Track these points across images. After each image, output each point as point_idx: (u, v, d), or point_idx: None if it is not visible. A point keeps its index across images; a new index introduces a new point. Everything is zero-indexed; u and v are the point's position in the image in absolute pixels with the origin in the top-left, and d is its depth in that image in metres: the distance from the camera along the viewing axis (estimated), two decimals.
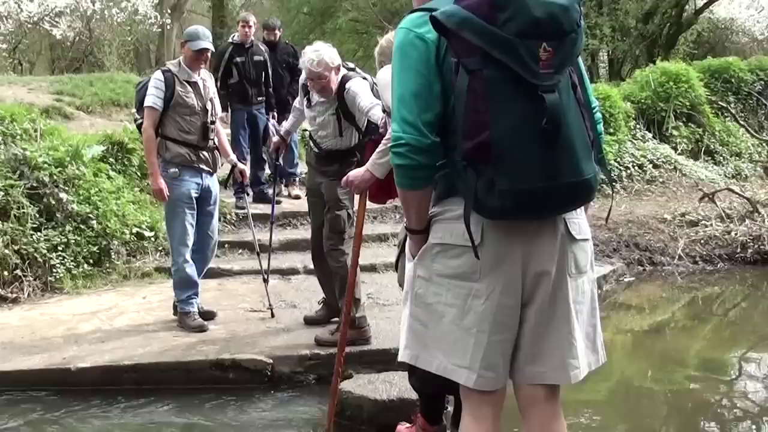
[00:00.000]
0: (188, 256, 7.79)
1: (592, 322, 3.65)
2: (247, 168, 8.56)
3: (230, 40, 12.10)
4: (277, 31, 12.66)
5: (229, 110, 11.75)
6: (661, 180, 15.43)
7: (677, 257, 11.86)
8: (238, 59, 11.70)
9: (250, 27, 11.78)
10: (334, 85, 6.93)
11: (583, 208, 3.54)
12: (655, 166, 15.73)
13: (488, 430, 3.54)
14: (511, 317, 3.41)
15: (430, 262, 3.50)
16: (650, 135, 16.83)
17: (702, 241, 12.27)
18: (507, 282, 3.36)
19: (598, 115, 3.66)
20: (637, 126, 16.80)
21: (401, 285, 4.60)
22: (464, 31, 3.09)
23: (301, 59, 7.14)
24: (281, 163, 10.17)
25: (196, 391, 6.78)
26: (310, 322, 7.84)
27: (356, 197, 5.97)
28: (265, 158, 12.06)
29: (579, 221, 3.51)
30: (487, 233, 3.32)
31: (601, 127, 3.65)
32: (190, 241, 7.80)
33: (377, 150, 5.32)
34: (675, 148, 16.83)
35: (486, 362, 3.42)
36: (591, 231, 3.68)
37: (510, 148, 3.11)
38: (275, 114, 12.01)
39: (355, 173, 5.52)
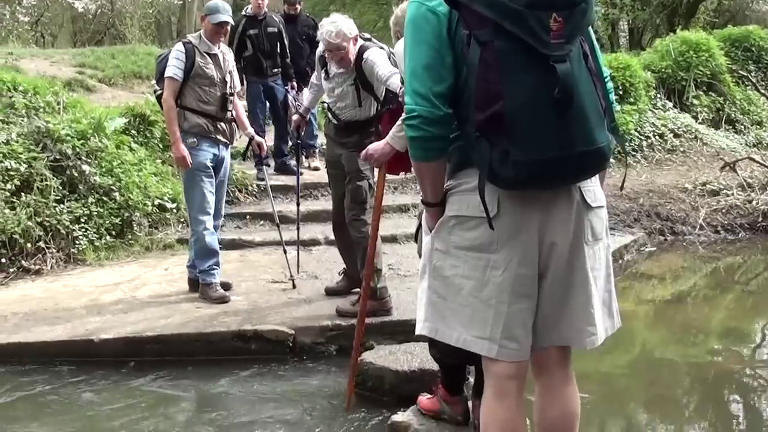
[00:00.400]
0: (209, 224, 7.82)
1: (607, 288, 3.65)
2: (264, 141, 8.55)
3: (243, 12, 12.07)
4: (297, 5, 12.59)
5: (245, 83, 11.67)
6: (681, 149, 15.34)
7: (698, 227, 11.84)
8: (251, 32, 11.69)
9: (258, 3, 11.79)
10: (352, 56, 6.93)
11: (598, 176, 3.55)
12: (676, 136, 15.63)
13: (511, 406, 3.52)
14: (530, 287, 3.40)
15: (447, 234, 3.50)
16: (671, 104, 16.73)
17: (723, 211, 12.25)
18: (524, 252, 3.36)
19: (610, 84, 3.63)
20: (658, 95, 16.70)
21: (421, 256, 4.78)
22: (475, 4, 3.10)
23: (318, 32, 7.09)
24: (302, 141, 10.17)
25: (217, 362, 6.82)
26: (330, 293, 7.86)
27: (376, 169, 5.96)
28: (288, 130, 12.00)
29: (594, 188, 3.51)
30: (503, 204, 3.32)
31: (612, 96, 3.62)
32: (211, 210, 7.84)
33: (397, 123, 5.29)
34: (696, 118, 16.73)
35: (507, 333, 3.41)
36: (611, 201, 3.69)
37: (523, 119, 3.10)
38: (294, 85, 11.98)
39: (374, 146, 5.50)
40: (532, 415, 3.74)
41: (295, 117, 7.96)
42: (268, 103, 12.09)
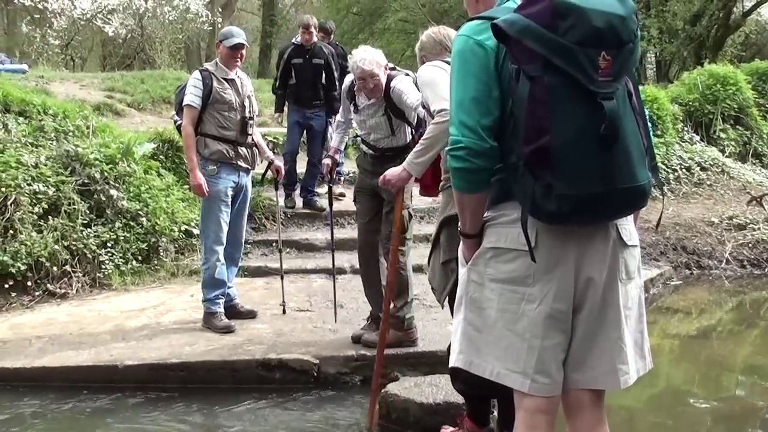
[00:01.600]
0: (221, 256, 7.83)
1: (639, 328, 3.64)
2: (282, 166, 8.57)
3: (293, 40, 11.96)
4: (331, 37, 12.62)
5: (286, 109, 11.78)
6: (708, 183, 15.26)
7: (725, 261, 11.79)
8: (296, 61, 11.55)
9: (310, 33, 11.56)
10: (383, 85, 6.95)
11: (630, 217, 3.57)
12: (703, 169, 15.56)
13: None
14: (564, 322, 3.43)
15: (484, 266, 3.53)
16: (698, 137, 16.67)
17: (750, 245, 12.19)
18: (560, 286, 3.38)
19: (649, 124, 3.59)
20: (685, 128, 16.64)
21: (432, 285, 5.13)
22: (526, 39, 3.15)
23: (350, 62, 7.13)
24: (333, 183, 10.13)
25: (242, 391, 6.79)
26: (357, 340, 7.47)
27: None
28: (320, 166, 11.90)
29: (629, 227, 3.54)
30: (540, 238, 3.36)
31: (651, 134, 3.60)
32: (225, 240, 7.86)
33: (414, 150, 5.36)
34: (722, 151, 16.66)
35: (540, 367, 3.43)
36: (638, 233, 3.67)
37: (569, 153, 3.15)
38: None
39: (392, 172, 5.54)
40: None
41: (325, 161, 7.85)
42: (305, 133, 11.95)
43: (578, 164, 3.16)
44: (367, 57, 6.86)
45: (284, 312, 8.32)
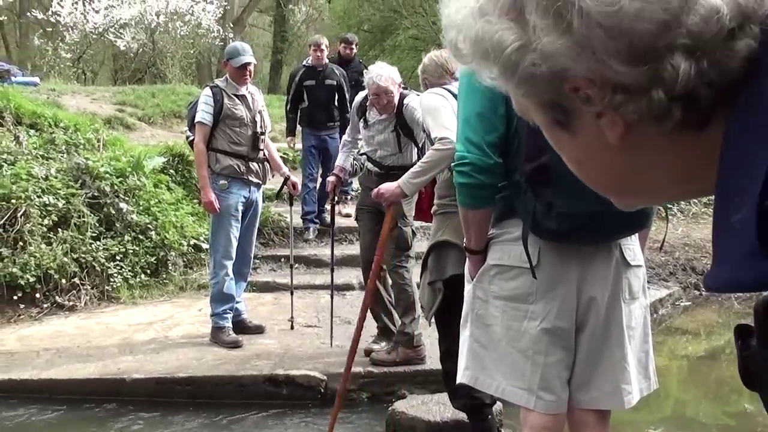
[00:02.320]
0: (230, 270, 7.82)
1: (644, 348, 3.66)
2: (298, 182, 8.57)
3: (304, 63, 11.70)
4: (353, 47, 12.40)
5: (301, 132, 11.59)
6: None
7: None
8: (308, 83, 11.29)
9: (321, 51, 11.24)
10: (396, 102, 7.00)
11: (639, 236, 3.61)
12: None
13: None
14: (567, 340, 3.47)
15: (488, 283, 3.56)
16: None
17: None
18: (561, 304, 3.42)
19: None
20: None
21: (421, 303, 5.22)
22: None
23: (365, 77, 7.24)
24: (337, 200, 10.03)
25: (249, 406, 6.79)
26: (368, 354, 7.37)
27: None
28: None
29: (633, 247, 3.57)
30: (543, 255, 3.40)
31: None
32: (234, 255, 7.86)
33: (412, 170, 5.41)
34: None
35: (544, 384, 3.45)
36: (647, 254, 3.67)
37: (567, 172, 2.92)
38: None
39: (386, 186, 5.58)
40: None
41: (330, 178, 7.81)
42: (321, 156, 11.61)
43: (576, 183, 3.00)
44: (384, 73, 6.90)
45: (292, 327, 8.31)
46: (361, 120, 7.36)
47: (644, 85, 0.89)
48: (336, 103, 11.29)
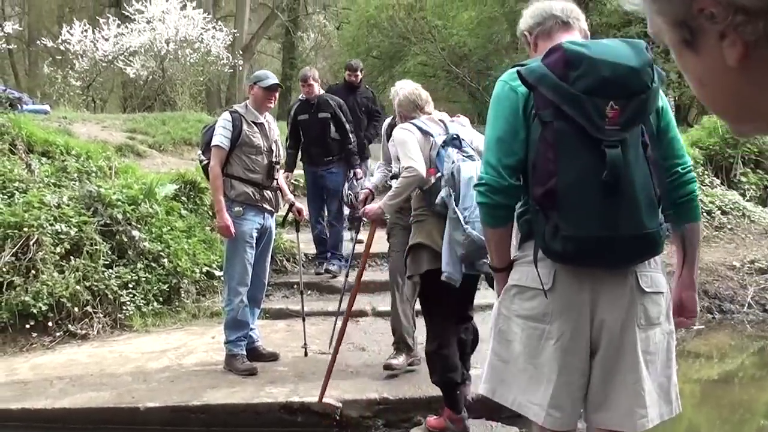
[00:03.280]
0: (245, 297, 7.80)
1: (666, 373, 3.72)
2: (303, 208, 8.58)
3: (299, 97, 11.42)
4: (359, 73, 12.17)
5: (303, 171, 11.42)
6: (729, 227, 15.14)
7: (747, 305, 11.69)
8: (302, 117, 11.02)
9: (310, 85, 10.88)
10: None
11: (657, 260, 3.68)
12: (724, 213, 15.44)
13: None
14: (581, 361, 3.58)
15: (509, 302, 3.72)
16: (718, 181, 16.57)
17: None
18: (575, 326, 3.54)
19: (692, 171, 3.85)
20: (705, 172, 16.55)
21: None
22: (541, 86, 3.41)
23: (391, 92, 7.44)
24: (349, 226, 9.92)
25: None
26: (388, 368, 7.53)
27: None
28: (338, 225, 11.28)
29: (651, 274, 3.63)
30: (558, 278, 3.55)
31: (694, 184, 3.88)
32: (249, 282, 7.83)
33: (388, 194, 6.24)
34: (743, 195, 16.55)
35: (554, 402, 3.57)
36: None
37: (573, 196, 3.40)
38: (358, 172, 10.96)
39: (370, 207, 6.68)
40: None
41: (364, 190, 7.72)
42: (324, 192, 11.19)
43: (581, 207, 3.40)
44: (407, 87, 7.02)
45: (306, 354, 8.27)
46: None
47: (763, 8, 1.00)
48: (332, 136, 10.88)
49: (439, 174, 5.94)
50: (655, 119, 3.63)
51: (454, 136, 6.08)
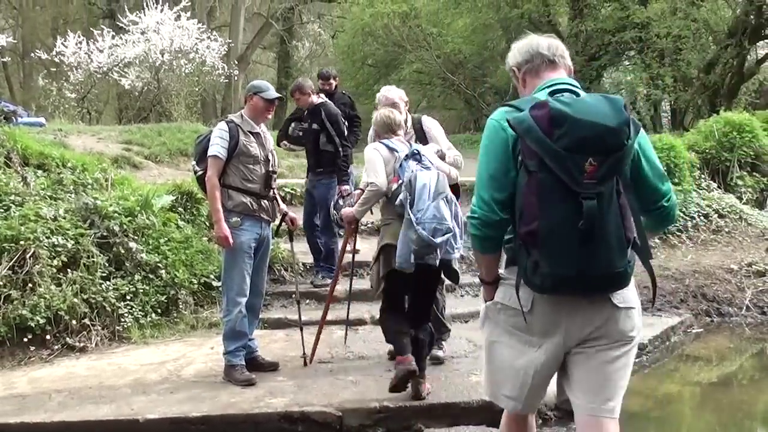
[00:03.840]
0: (243, 308, 7.77)
1: (622, 382, 4.18)
2: (296, 217, 8.57)
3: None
4: (332, 81, 12.04)
5: None
6: (726, 230, 15.16)
7: (745, 308, 11.71)
8: (299, 127, 11.18)
9: (297, 99, 10.88)
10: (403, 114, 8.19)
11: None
12: (721, 216, 15.47)
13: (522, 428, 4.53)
14: (552, 368, 4.19)
15: (496, 315, 4.27)
16: (715, 185, 16.61)
17: None
18: (552, 344, 4.08)
19: (673, 201, 4.20)
20: (702, 176, 16.59)
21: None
22: (527, 138, 3.77)
23: (378, 103, 8.31)
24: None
25: None
26: (392, 357, 7.90)
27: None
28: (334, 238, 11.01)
29: (623, 292, 4.05)
30: (537, 302, 4.03)
31: (674, 213, 4.28)
32: (248, 292, 7.81)
33: (359, 202, 7.33)
34: (740, 198, 16.59)
35: (528, 398, 4.27)
36: (657, 281, 4.37)
37: (552, 240, 3.78)
38: (347, 189, 10.53)
39: (346, 211, 7.58)
40: None
41: (357, 191, 7.95)
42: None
43: (559, 250, 3.79)
44: (391, 90, 8.52)
45: (305, 364, 8.26)
46: None
47: None
48: (323, 147, 10.74)
49: (401, 181, 6.88)
50: (630, 163, 3.93)
51: (415, 151, 7.09)
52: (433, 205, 6.67)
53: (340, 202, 8.74)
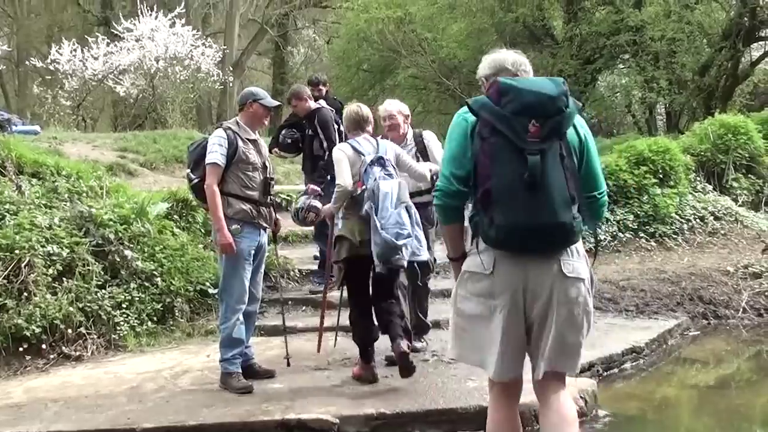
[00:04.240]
0: (241, 315, 7.76)
1: (578, 339, 4.76)
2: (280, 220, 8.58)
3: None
4: (321, 87, 11.95)
5: None
6: (722, 232, 15.16)
7: (741, 310, 11.68)
8: (282, 134, 11.38)
9: (294, 106, 10.98)
10: (403, 127, 8.81)
11: (581, 252, 4.76)
12: (717, 218, 15.47)
13: (507, 415, 4.81)
14: (518, 327, 4.64)
15: (465, 284, 4.79)
16: (710, 187, 16.60)
17: (766, 294, 12.08)
18: (513, 301, 4.59)
19: (604, 199, 4.94)
20: (698, 178, 16.58)
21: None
22: (482, 111, 4.55)
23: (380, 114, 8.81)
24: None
25: None
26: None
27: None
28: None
29: (573, 263, 4.67)
30: (498, 264, 4.60)
31: (602, 210, 5.03)
32: (246, 300, 7.80)
33: (333, 200, 7.86)
34: (735, 200, 16.59)
35: (502, 359, 4.64)
36: (654, 284, 5.44)
37: (503, 194, 4.43)
38: (311, 188, 9.48)
39: (326, 207, 8.10)
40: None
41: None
42: None
43: (510, 201, 4.42)
44: (393, 103, 8.94)
45: (288, 365, 8.29)
46: None
47: None
48: (317, 152, 10.82)
49: (365, 186, 7.57)
50: (577, 144, 4.69)
51: (380, 157, 7.79)
52: (396, 212, 7.43)
53: (303, 198, 8.73)
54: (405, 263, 7.50)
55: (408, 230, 7.43)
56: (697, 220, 15.21)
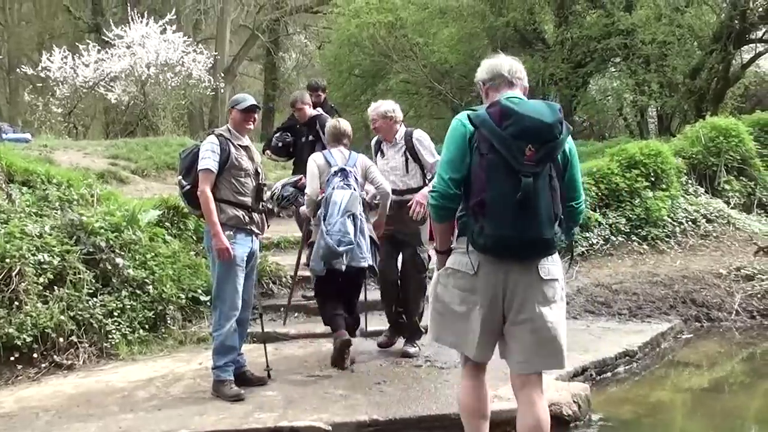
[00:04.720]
0: (234, 322, 7.74)
1: (556, 337, 5.18)
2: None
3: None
4: (320, 93, 11.93)
5: None
6: (714, 234, 15.19)
7: (734, 312, 11.74)
8: (276, 137, 11.43)
9: (298, 110, 10.98)
10: (396, 127, 9.02)
11: (556, 258, 5.22)
12: (709, 221, 15.50)
13: (476, 385, 5.37)
14: (495, 322, 5.14)
15: (447, 278, 5.28)
16: (702, 190, 16.63)
17: (759, 296, 12.15)
18: (492, 299, 5.08)
19: (582, 207, 5.40)
20: (689, 181, 16.61)
21: (307, 262, 8.79)
22: (482, 128, 4.94)
23: (369, 115, 9.08)
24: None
25: None
26: (382, 345, 9.25)
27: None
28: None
29: (549, 266, 5.15)
30: (481, 266, 5.08)
31: (580, 217, 5.51)
32: (240, 306, 7.78)
33: (305, 204, 8.58)
34: (727, 202, 16.62)
35: (480, 347, 5.19)
36: (647, 287, 6.19)
37: (495, 207, 4.86)
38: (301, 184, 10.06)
39: (303, 209, 8.79)
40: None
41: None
42: None
43: (501, 216, 4.86)
44: (383, 103, 9.16)
45: (269, 376, 8.21)
46: (378, 153, 9.13)
47: None
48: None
49: (324, 195, 8.21)
50: (562, 157, 5.06)
51: (342, 168, 8.34)
52: (341, 220, 8.01)
53: (293, 190, 8.93)
54: (344, 267, 8.13)
55: (350, 238, 8.04)
56: (689, 223, 15.23)
